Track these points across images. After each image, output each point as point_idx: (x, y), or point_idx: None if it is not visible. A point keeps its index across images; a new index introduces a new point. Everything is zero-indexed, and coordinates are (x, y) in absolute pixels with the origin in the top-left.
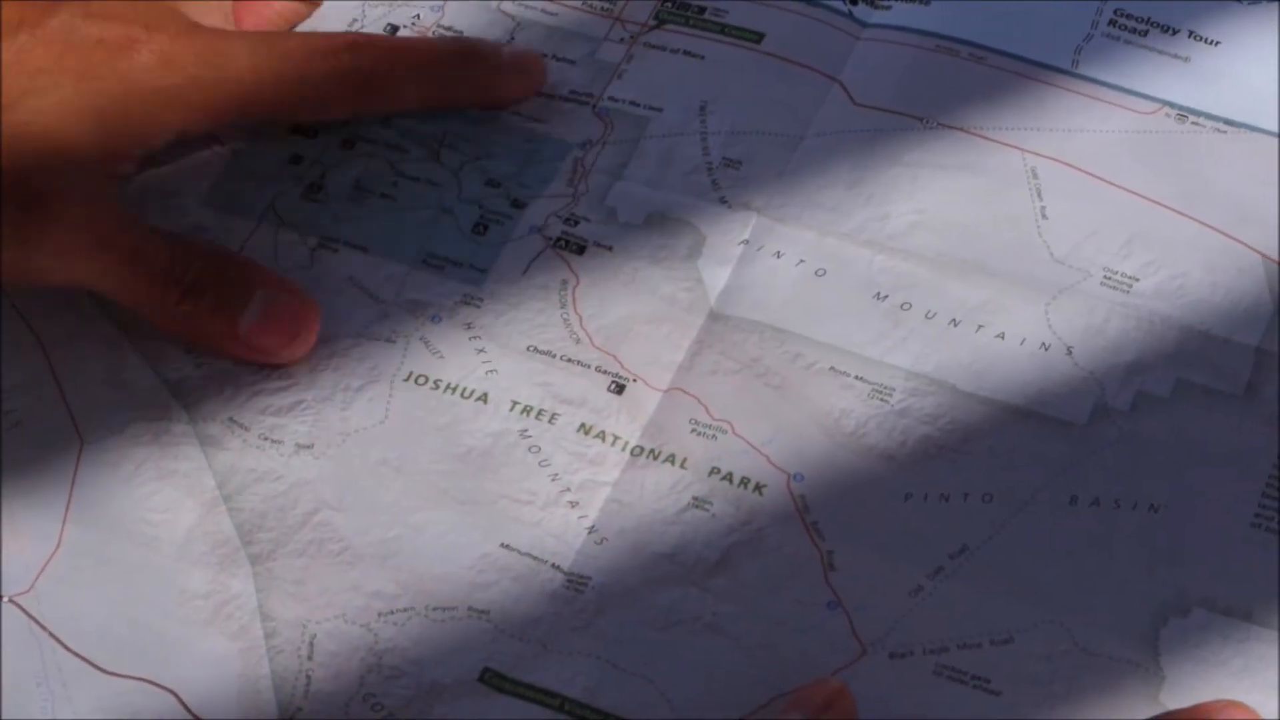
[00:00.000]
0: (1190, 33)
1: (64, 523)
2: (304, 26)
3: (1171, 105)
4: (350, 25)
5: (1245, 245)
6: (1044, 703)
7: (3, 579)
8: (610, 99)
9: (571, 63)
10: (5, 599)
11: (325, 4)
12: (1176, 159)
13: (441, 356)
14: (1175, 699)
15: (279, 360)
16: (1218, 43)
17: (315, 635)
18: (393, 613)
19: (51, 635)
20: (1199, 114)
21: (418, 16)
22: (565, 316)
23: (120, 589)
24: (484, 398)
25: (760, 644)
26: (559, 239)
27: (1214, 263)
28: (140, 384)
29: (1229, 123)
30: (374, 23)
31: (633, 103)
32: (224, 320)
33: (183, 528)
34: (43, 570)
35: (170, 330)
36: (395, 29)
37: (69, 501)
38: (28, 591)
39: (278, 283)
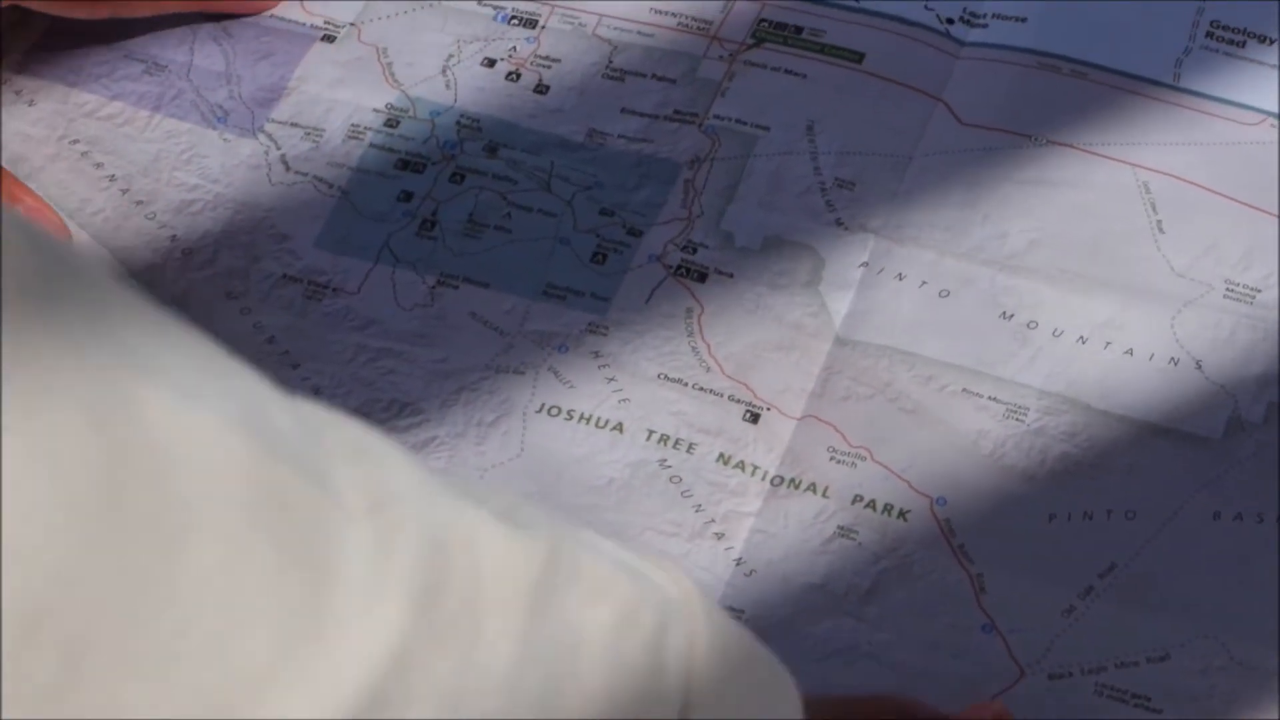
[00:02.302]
0: None
1: None
2: None
3: (1276, 116)
4: (446, 60)
5: None
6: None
7: None
8: (716, 117)
9: (673, 81)
10: None
11: (425, 40)
12: None
13: (572, 386)
14: None
15: None
16: None
17: None
18: None
19: None
20: None
21: (514, 48)
22: (693, 345)
23: None
24: (619, 427)
25: (919, 671)
26: (679, 267)
27: None
28: None
29: None
30: (470, 57)
31: (739, 121)
32: None
33: None
34: None
35: None
36: (492, 62)
37: None
38: None
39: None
